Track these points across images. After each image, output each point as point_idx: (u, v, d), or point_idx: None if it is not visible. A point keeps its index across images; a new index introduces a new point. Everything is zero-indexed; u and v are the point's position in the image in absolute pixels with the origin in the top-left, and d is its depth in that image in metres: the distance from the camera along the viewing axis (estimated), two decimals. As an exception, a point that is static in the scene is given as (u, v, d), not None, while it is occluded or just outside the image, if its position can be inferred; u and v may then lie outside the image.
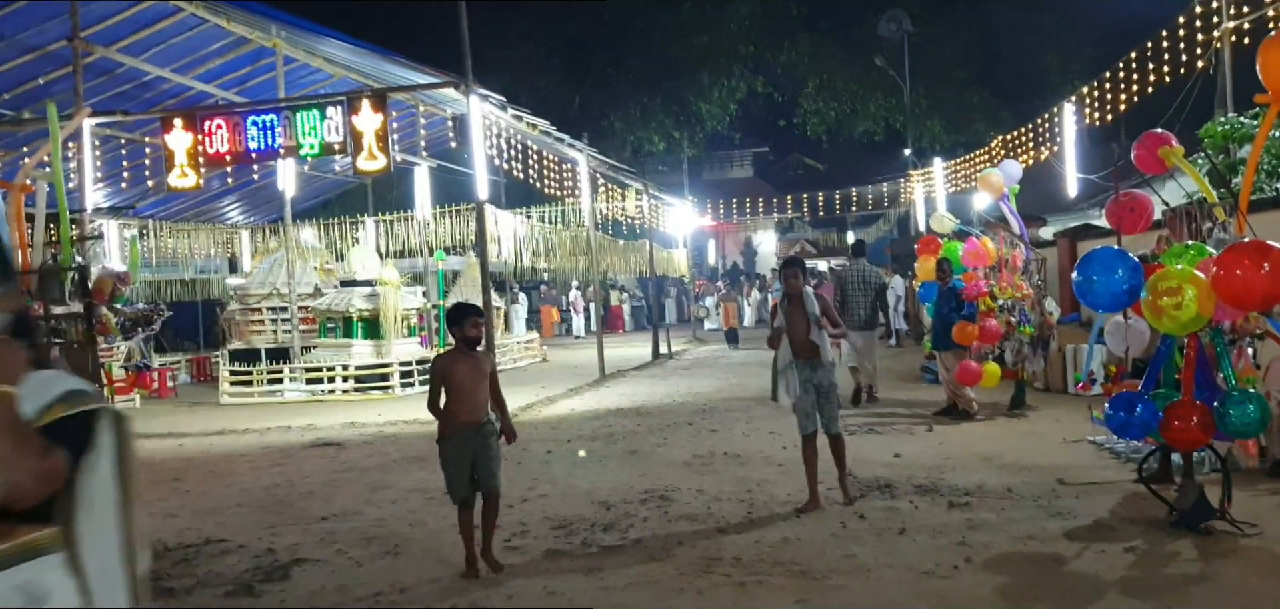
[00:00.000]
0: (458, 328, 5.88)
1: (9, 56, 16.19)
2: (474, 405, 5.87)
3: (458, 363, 5.88)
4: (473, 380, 5.84)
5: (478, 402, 5.89)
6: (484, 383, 5.91)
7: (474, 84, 13.40)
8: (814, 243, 44.15)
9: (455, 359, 5.91)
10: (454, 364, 5.88)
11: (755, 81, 37.79)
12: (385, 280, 17.62)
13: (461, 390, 5.83)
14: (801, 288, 7.36)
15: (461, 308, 5.99)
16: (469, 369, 5.84)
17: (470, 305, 6.13)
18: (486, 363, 5.96)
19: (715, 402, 14.01)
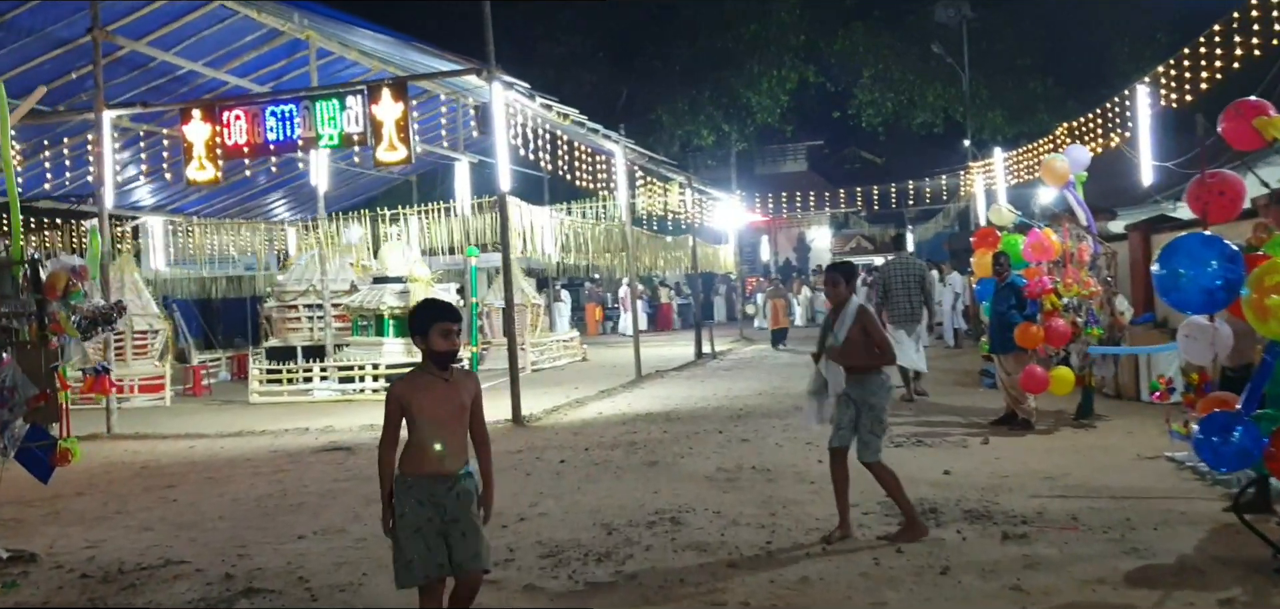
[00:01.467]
0: (422, 337, 4.29)
1: (37, 51, 15.87)
2: (448, 449, 4.26)
3: (425, 388, 4.27)
4: (446, 413, 4.26)
5: (453, 444, 4.28)
6: (463, 417, 4.31)
7: (497, 71, 12.67)
8: (870, 239, 42.90)
9: (421, 384, 4.29)
10: (419, 390, 4.27)
11: (807, 71, 36.59)
12: (416, 277, 17.01)
13: (430, 428, 4.23)
14: (846, 297, 6.31)
15: (429, 308, 4.37)
16: (441, 398, 4.25)
17: (439, 304, 4.46)
18: (467, 388, 4.34)
19: (752, 406, 13.12)
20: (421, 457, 4.29)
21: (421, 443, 4.28)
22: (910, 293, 13.21)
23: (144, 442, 12.46)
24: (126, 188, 22.99)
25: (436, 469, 4.26)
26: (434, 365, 4.31)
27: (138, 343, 18.30)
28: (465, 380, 4.40)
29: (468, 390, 4.36)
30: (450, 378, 4.32)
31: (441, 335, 4.28)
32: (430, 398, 4.27)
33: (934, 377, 15.62)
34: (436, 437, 4.25)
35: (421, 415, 4.27)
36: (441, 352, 4.30)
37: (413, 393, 4.30)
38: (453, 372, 4.35)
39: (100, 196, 13.72)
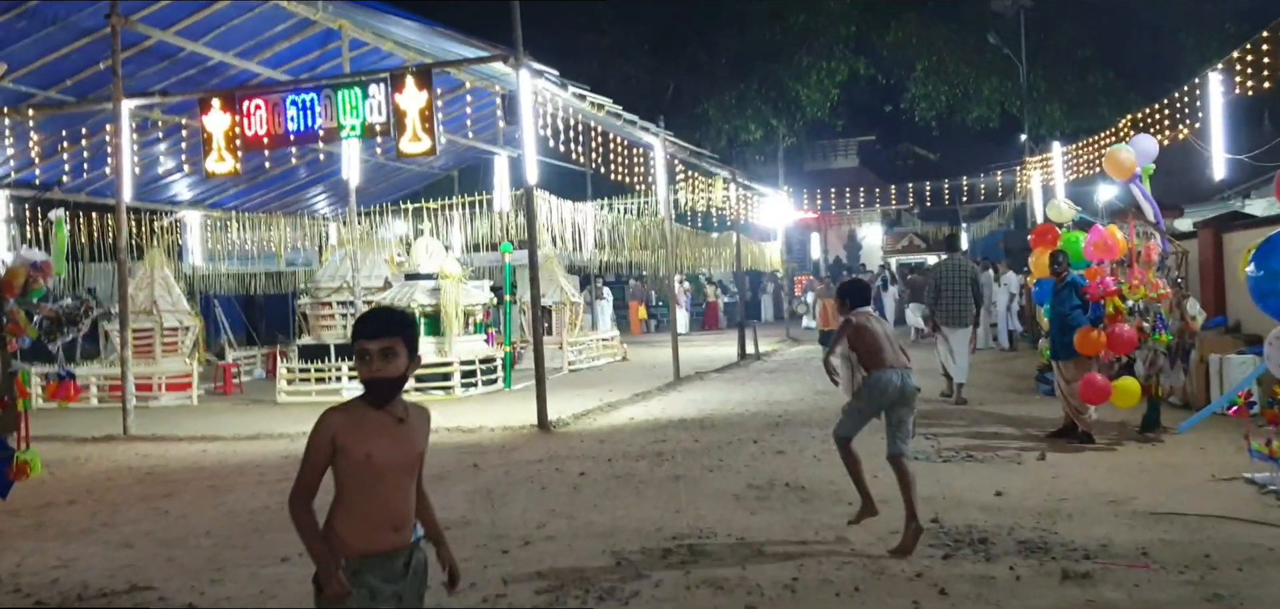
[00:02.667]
0: (359, 359, 3.20)
1: (62, 40, 15.60)
2: (391, 515, 3.19)
3: (373, 429, 3.17)
4: (400, 464, 3.21)
5: (397, 508, 3.21)
6: (415, 471, 3.30)
7: (525, 57, 12.06)
8: (923, 237, 41.80)
9: (367, 422, 3.18)
10: (364, 431, 3.16)
11: (857, 63, 35.54)
12: (447, 274, 16.49)
13: (379, 484, 3.17)
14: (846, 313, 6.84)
15: (371, 320, 3.25)
16: (393, 444, 3.19)
17: (366, 316, 3.28)
18: (421, 433, 3.32)
19: (792, 413, 12.39)
20: (370, 526, 3.17)
21: (370, 506, 3.17)
22: (963, 294, 12.91)
23: (158, 444, 12.04)
24: (165, 182, 22.85)
25: (391, 544, 3.19)
26: (373, 397, 3.20)
27: (167, 340, 17.99)
28: (420, 421, 3.36)
29: (422, 436, 3.34)
30: (405, 417, 3.25)
31: (380, 357, 3.15)
32: (380, 442, 3.16)
33: (987, 381, 14.82)
34: (390, 499, 3.19)
35: (367, 466, 3.15)
36: (380, 379, 3.16)
37: (354, 433, 3.16)
38: (405, 408, 3.27)
39: (119, 190, 13.32)
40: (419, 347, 3.32)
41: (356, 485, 3.17)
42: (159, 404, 16.86)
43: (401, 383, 3.21)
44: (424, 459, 3.35)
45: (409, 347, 3.21)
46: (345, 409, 3.25)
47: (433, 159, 26.04)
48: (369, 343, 3.16)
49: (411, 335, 3.24)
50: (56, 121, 17.43)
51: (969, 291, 12.96)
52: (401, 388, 3.22)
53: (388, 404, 3.21)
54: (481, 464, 9.48)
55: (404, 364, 3.19)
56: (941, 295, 13.03)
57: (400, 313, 3.31)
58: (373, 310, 3.37)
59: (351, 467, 3.16)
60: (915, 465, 6.66)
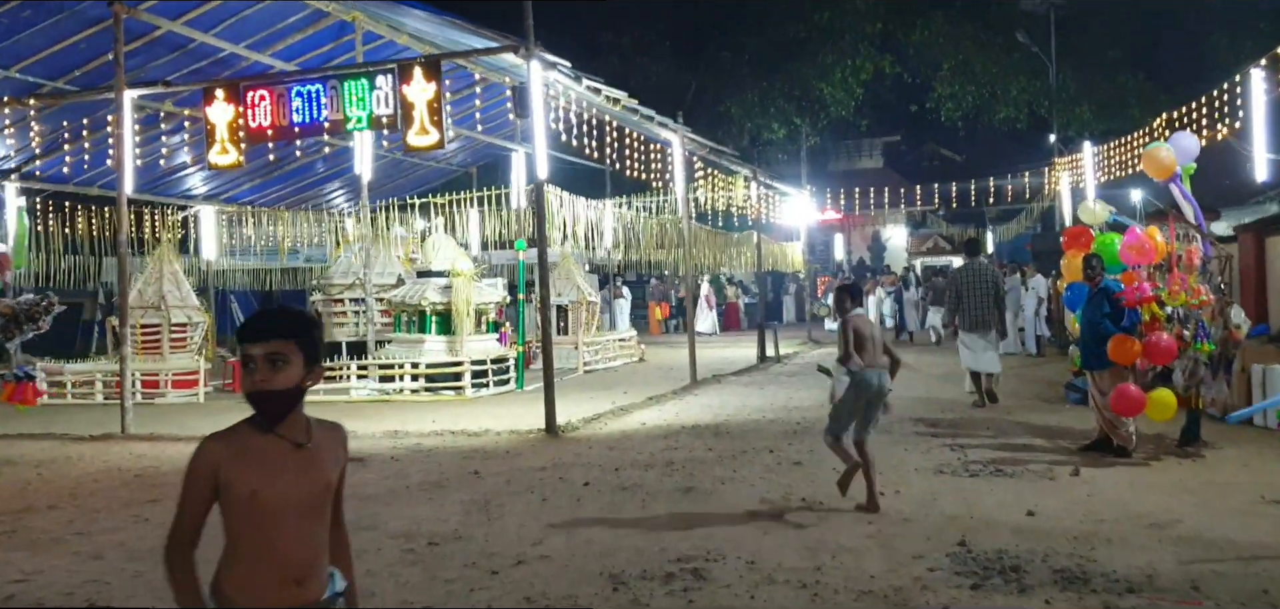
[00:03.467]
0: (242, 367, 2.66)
1: (71, 29, 15.31)
2: (290, 566, 2.63)
3: (262, 458, 2.62)
4: (301, 501, 2.63)
5: (297, 558, 2.64)
6: (324, 505, 2.70)
7: (536, 48, 11.62)
8: (948, 239, 41.08)
9: (256, 449, 2.63)
10: (252, 460, 2.61)
11: (883, 61, 34.90)
12: (458, 271, 16.08)
13: (276, 527, 2.60)
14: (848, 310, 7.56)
15: (258, 320, 2.70)
16: (293, 476, 2.63)
17: (275, 312, 2.74)
18: (331, 459, 2.73)
19: (811, 421, 11.86)
20: (264, 582, 2.60)
21: (262, 557, 2.60)
22: (984, 299, 12.79)
23: (155, 444, 11.69)
24: (178, 176, 22.59)
25: (292, 604, 2.61)
26: (264, 417, 2.64)
27: (175, 336, 17.67)
28: (329, 444, 2.74)
29: (333, 462, 2.71)
30: (307, 442, 2.65)
31: (242, 368, 2.63)
32: (271, 475, 2.58)
33: (1014, 389, 14.26)
34: (288, 546, 2.60)
35: (254, 507, 2.57)
36: (248, 395, 2.63)
37: (238, 465, 2.58)
38: (307, 428, 2.68)
39: (120, 181, 12.97)
40: (321, 354, 2.75)
41: (245, 531, 2.61)
42: (165, 401, 16.55)
43: (295, 398, 2.64)
44: (339, 490, 2.79)
45: (306, 353, 2.64)
46: (228, 435, 2.66)
47: (450, 155, 26.08)
48: (252, 346, 2.61)
49: (309, 339, 2.66)
50: (64, 113, 17.17)
51: (990, 296, 12.87)
52: (296, 404, 2.66)
53: (280, 425, 2.64)
54: (483, 471, 9.05)
55: (298, 374, 2.63)
56: (963, 300, 12.92)
57: (296, 312, 2.76)
58: (262, 309, 2.82)
59: (237, 508, 2.59)
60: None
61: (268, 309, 2.76)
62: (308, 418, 2.73)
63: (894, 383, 7.56)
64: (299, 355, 2.65)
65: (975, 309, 12.88)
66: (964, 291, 13.03)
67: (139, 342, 17.50)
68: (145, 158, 19.81)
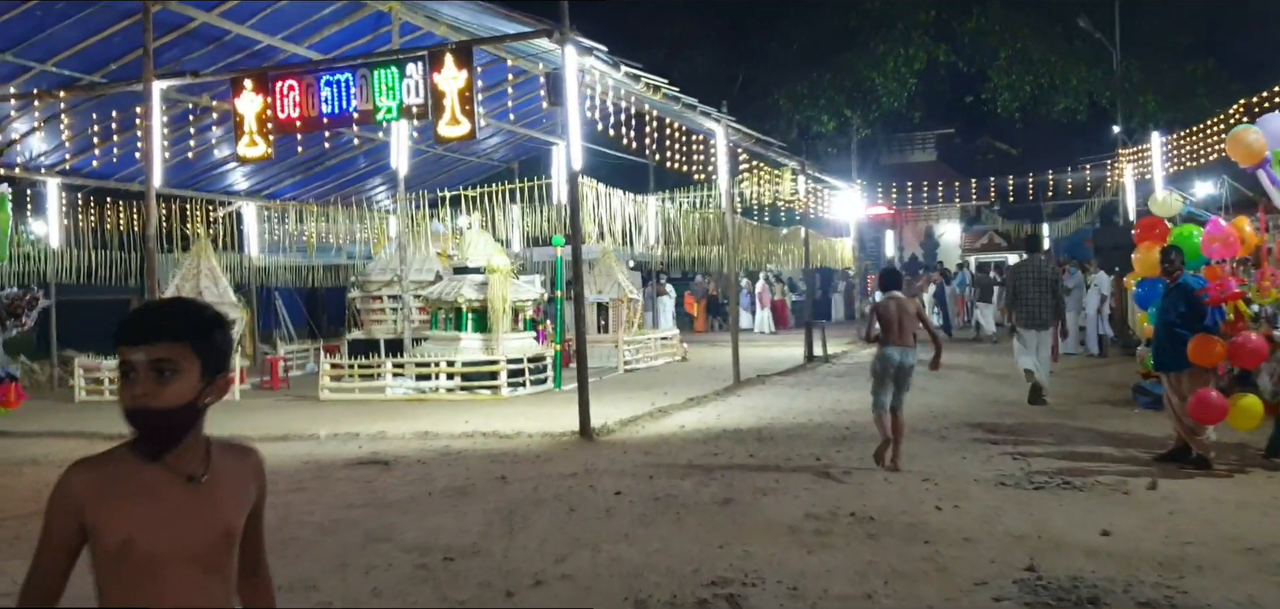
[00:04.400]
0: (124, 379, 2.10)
1: (104, 22, 15.10)
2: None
3: (139, 494, 2.08)
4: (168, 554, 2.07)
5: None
6: (224, 553, 2.18)
7: (571, 33, 11.08)
8: (1003, 235, 39.93)
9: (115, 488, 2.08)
10: (112, 503, 2.06)
11: (937, 50, 33.87)
12: (494, 267, 15.62)
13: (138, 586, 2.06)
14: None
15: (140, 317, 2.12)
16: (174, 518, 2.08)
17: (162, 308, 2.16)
18: (235, 494, 2.22)
19: (860, 425, 11.19)
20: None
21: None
22: (1042, 297, 12.47)
23: (181, 443, 11.33)
24: (221, 171, 22.43)
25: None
26: (145, 445, 2.09)
27: (212, 333, 17.40)
28: (234, 476, 2.20)
29: (237, 499, 2.18)
30: (202, 475, 2.11)
31: (121, 377, 2.08)
32: (153, 517, 2.05)
33: (1077, 392, 13.51)
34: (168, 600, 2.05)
35: (129, 558, 2.04)
36: (126, 413, 2.07)
37: (109, 505, 2.04)
38: (204, 457, 2.14)
39: (148, 174, 12.66)
40: (228, 360, 2.20)
41: (115, 590, 2.04)
42: (200, 399, 16.27)
43: (188, 418, 2.09)
44: (255, 531, 2.26)
45: (205, 359, 2.09)
46: (100, 464, 2.08)
47: (491, 150, 25.67)
48: (131, 351, 2.04)
49: (209, 342, 2.11)
50: (100, 106, 16.94)
51: (1048, 294, 12.51)
52: (190, 426, 2.10)
53: (168, 453, 2.08)
54: (510, 477, 8.53)
55: (194, 386, 2.07)
56: (1020, 298, 12.60)
57: (191, 305, 2.15)
58: (146, 303, 2.25)
59: (106, 560, 2.04)
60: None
61: (153, 303, 2.19)
62: (209, 442, 2.18)
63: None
64: (194, 362, 2.09)
65: (1032, 306, 12.57)
66: (1021, 289, 12.72)
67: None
68: (186, 153, 19.69)
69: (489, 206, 18.54)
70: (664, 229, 19.17)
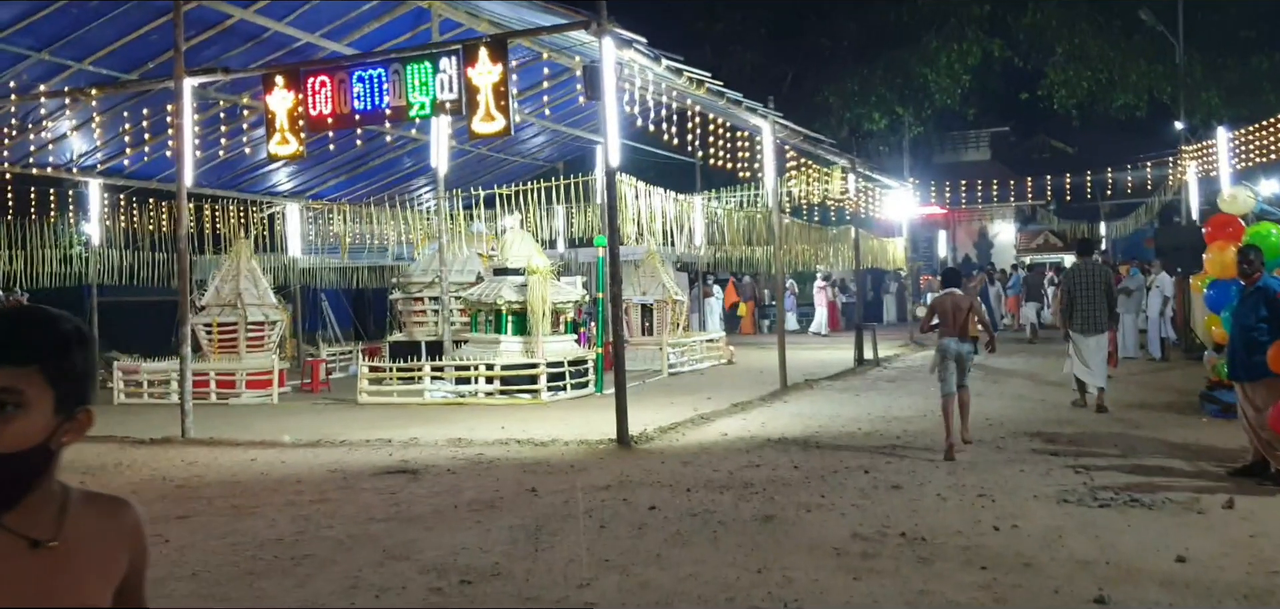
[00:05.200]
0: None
1: (140, 20, 14.98)
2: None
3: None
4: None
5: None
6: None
7: (609, 24, 10.67)
8: (1059, 234, 38.84)
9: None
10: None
11: (993, 45, 32.97)
12: (534, 268, 15.26)
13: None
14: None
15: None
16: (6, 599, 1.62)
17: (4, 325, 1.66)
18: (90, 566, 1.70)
19: (913, 433, 10.68)
20: None
21: None
22: (1096, 300, 12.18)
23: (211, 450, 11.11)
24: (265, 171, 22.34)
25: None
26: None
27: (252, 335, 17.30)
28: (97, 539, 1.73)
29: (100, 568, 1.72)
30: (50, 540, 1.66)
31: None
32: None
33: (1141, 399, 12.89)
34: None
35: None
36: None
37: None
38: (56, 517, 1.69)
39: (179, 173, 12.46)
40: (89, 388, 1.72)
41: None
42: (239, 402, 16.15)
43: (36, 465, 1.64)
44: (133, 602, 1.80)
45: (59, 389, 1.65)
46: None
47: (536, 150, 25.35)
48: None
49: (65, 366, 1.66)
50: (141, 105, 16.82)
51: (1103, 297, 12.18)
52: (36, 476, 1.66)
53: (7, 511, 1.62)
54: (541, 489, 8.13)
55: (44, 424, 1.63)
56: (1075, 301, 12.23)
57: (39, 319, 1.67)
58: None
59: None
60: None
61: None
62: (67, 495, 1.73)
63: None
64: (45, 393, 1.63)
65: (1086, 310, 12.18)
66: (1076, 292, 12.32)
67: (215, 340, 17.20)
68: (229, 154, 19.61)
69: (530, 206, 18.13)
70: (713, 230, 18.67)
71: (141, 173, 19.69)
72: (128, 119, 17.15)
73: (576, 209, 22.91)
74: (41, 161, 18.04)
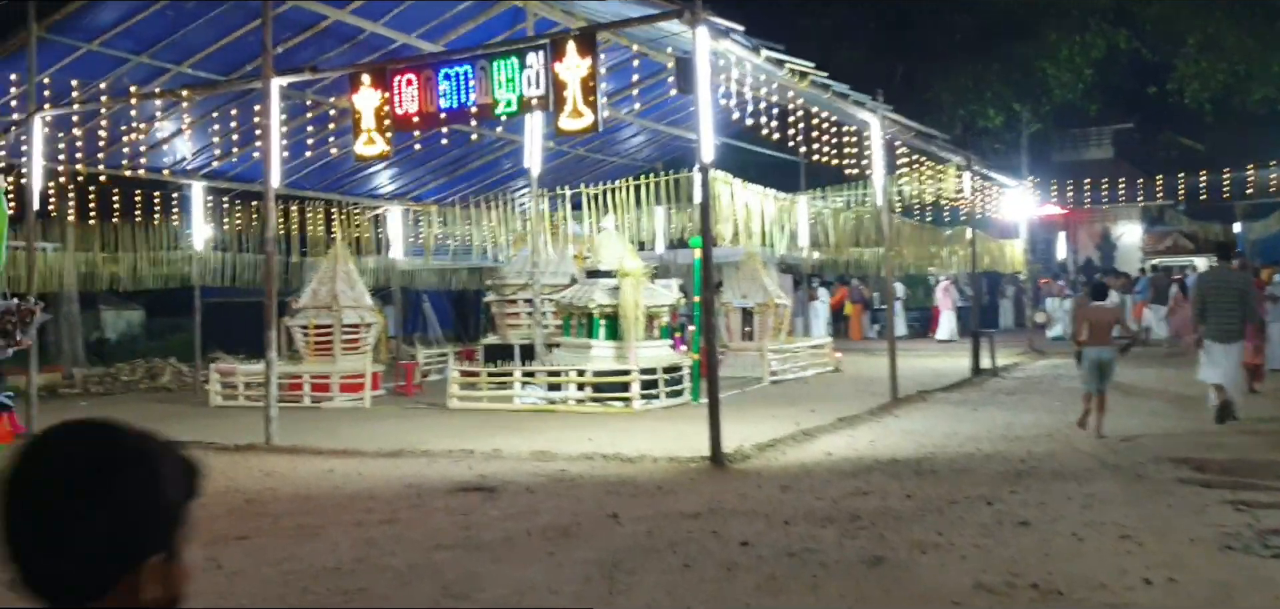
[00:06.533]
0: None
1: (239, 21, 14.87)
2: None
3: None
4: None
5: None
6: None
7: (704, 12, 9.94)
8: (1190, 237, 36.51)
9: None
10: None
11: (1117, 36, 31.01)
12: (626, 270, 14.62)
13: None
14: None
15: None
16: None
17: None
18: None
19: (1039, 456, 9.64)
20: None
21: None
22: (1230, 308, 11.47)
23: (292, 458, 10.74)
24: (368, 174, 22.27)
25: None
26: None
27: (346, 337, 17.09)
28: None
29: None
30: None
31: None
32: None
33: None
34: None
35: None
36: None
37: None
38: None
39: (266, 174, 12.18)
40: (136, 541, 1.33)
41: None
42: (332, 405, 15.93)
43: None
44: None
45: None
46: None
47: (635, 149, 24.74)
48: None
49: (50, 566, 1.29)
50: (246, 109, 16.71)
51: (1237, 304, 11.53)
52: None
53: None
54: (623, 515, 7.43)
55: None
56: (1208, 308, 11.44)
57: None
58: None
59: None
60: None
61: None
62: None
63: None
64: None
65: (1220, 318, 11.35)
66: (1209, 299, 11.49)
67: (311, 343, 17.06)
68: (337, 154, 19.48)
69: (624, 205, 17.47)
70: (815, 229, 17.76)
71: (244, 175, 19.72)
72: (231, 121, 17.13)
73: (675, 209, 22.22)
74: (150, 164, 18.18)
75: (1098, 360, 10.53)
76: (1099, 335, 10.69)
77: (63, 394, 18.79)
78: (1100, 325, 10.78)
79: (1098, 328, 10.73)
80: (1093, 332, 10.69)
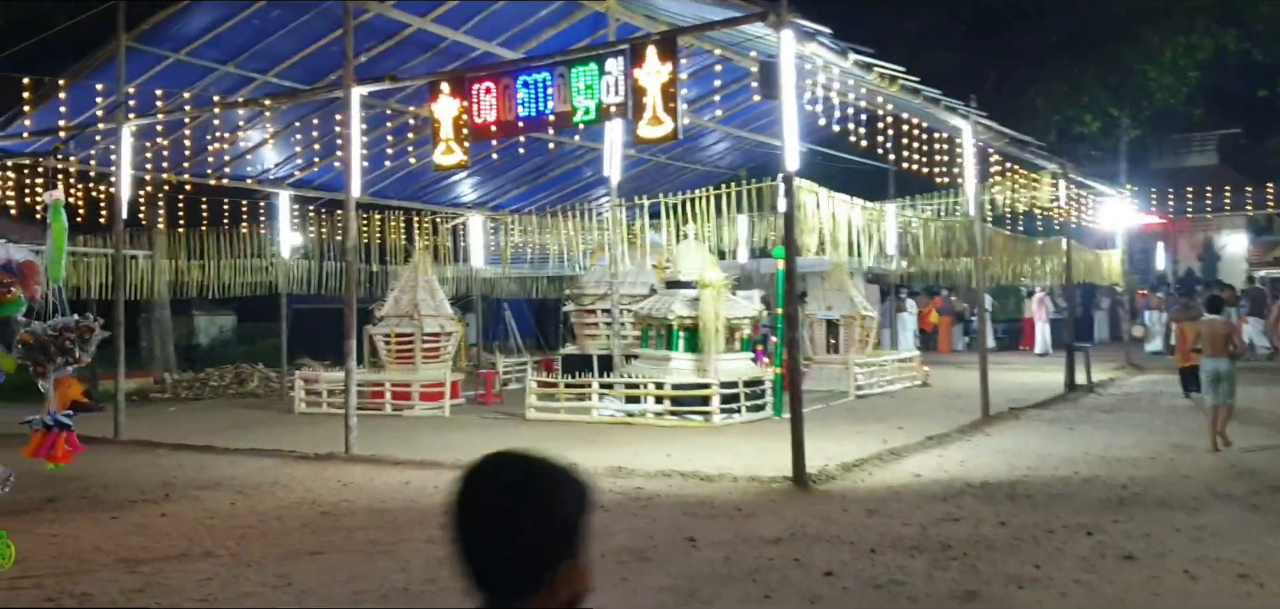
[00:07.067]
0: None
1: (323, 30, 14.98)
2: None
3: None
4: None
5: None
6: None
7: (790, 15, 9.61)
8: (1296, 248, 34.79)
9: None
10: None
11: (1225, 37, 29.62)
12: (706, 281, 14.32)
13: None
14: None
15: None
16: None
17: None
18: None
19: (1141, 480, 9.07)
20: None
21: None
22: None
23: (369, 468, 10.70)
24: (449, 183, 22.38)
25: None
26: None
27: (427, 346, 17.14)
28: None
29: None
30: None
31: None
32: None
33: None
34: None
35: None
36: None
37: None
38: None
39: (347, 182, 12.19)
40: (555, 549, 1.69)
41: None
42: (413, 414, 15.96)
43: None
44: None
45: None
46: None
47: (718, 157, 24.42)
48: None
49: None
50: (329, 118, 16.84)
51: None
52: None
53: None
54: (701, 538, 7.15)
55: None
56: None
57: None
58: None
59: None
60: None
61: None
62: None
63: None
64: None
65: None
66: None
67: (392, 351, 17.15)
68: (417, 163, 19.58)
69: (704, 214, 17.15)
70: (903, 239, 17.24)
71: (328, 185, 19.94)
72: (313, 130, 17.31)
73: (758, 217, 21.82)
74: (234, 173, 18.49)
75: (1215, 372, 10.61)
76: (1215, 348, 10.76)
77: (154, 399, 19.21)
78: (1215, 338, 10.81)
79: (1213, 340, 10.82)
80: (1209, 344, 10.82)
